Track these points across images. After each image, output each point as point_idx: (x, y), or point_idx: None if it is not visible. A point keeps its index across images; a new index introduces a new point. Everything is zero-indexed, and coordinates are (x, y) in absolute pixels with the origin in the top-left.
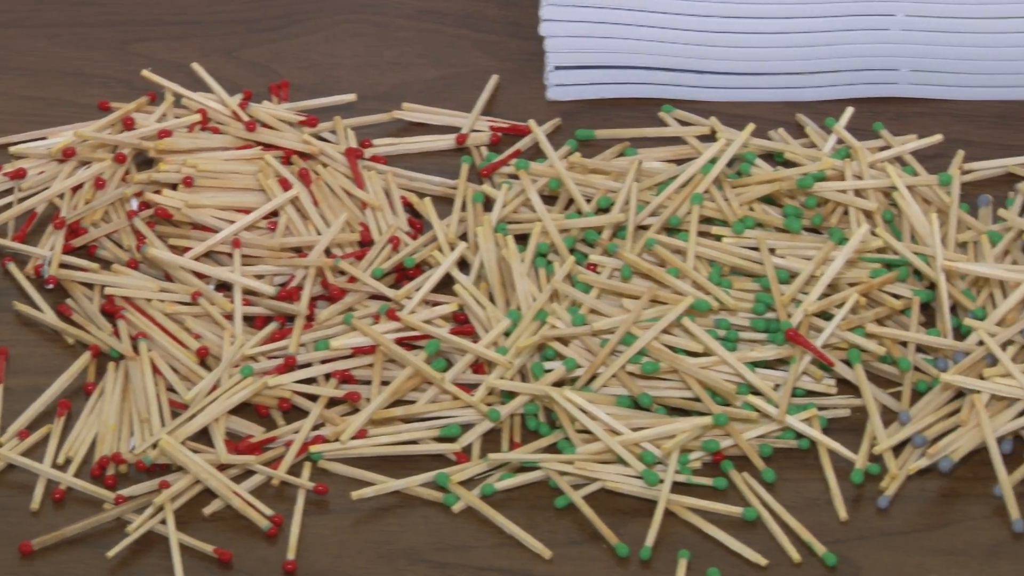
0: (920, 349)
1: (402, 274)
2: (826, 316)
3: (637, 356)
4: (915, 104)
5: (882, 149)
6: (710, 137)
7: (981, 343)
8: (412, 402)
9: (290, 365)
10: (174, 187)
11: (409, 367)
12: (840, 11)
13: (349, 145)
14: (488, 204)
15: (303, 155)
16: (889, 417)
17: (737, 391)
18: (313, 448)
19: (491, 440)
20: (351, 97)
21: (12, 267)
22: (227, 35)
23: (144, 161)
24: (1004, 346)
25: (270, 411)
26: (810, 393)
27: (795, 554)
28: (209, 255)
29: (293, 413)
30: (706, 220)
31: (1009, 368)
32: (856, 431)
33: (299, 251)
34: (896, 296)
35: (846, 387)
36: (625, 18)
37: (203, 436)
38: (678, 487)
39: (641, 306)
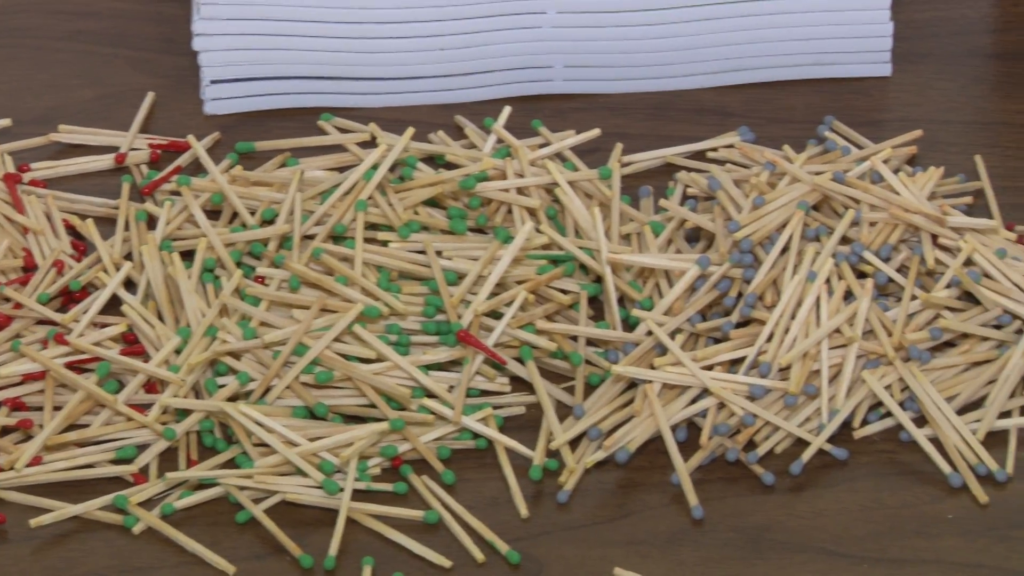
0: (591, 342)
1: (68, 297)
2: (496, 315)
3: (310, 366)
4: (572, 100)
5: (542, 146)
6: (371, 143)
7: (650, 333)
8: (86, 426)
9: None
10: None
11: (81, 391)
12: (492, 11)
13: (6, 171)
14: (152, 222)
15: None
16: (564, 412)
17: (412, 395)
18: None
19: (168, 459)
20: (6, 122)
21: None
22: None
23: None
24: (673, 335)
25: None
26: (485, 393)
27: (479, 554)
28: None
29: None
30: (372, 226)
31: (679, 356)
32: (532, 428)
33: None
34: (564, 291)
35: (520, 384)
36: (279, 29)
37: None
38: (359, 494)
39: (311, 316)
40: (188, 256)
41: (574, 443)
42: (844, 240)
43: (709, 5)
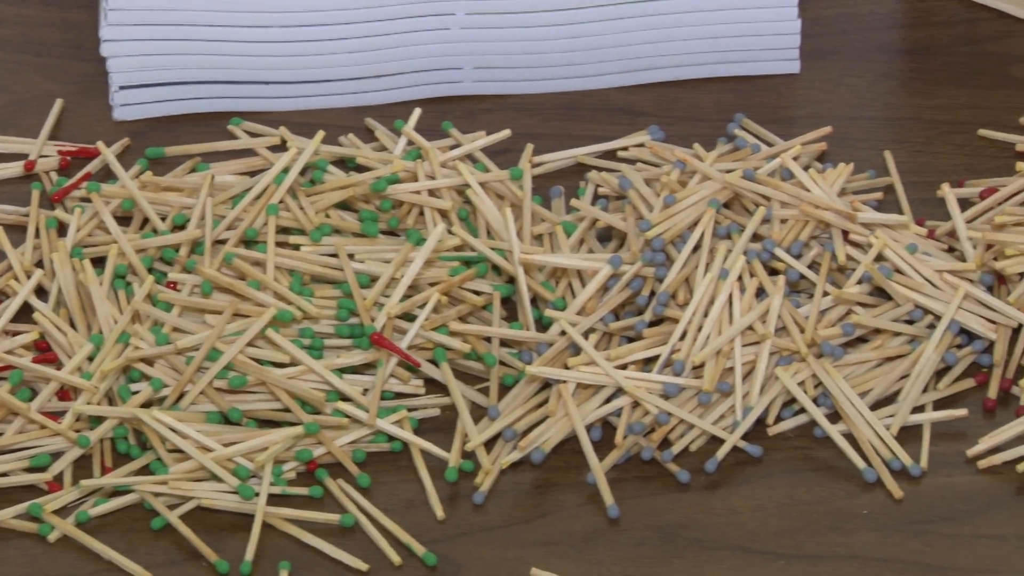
0: (505, 343)
1: None
2: (409, 317)
3: (224, 371)
4: (482, 101)
5: (452, 148)
6: (281, 147)
7: (563, 333)
8: None
9: None
10: None
11: None
12: (401, 13)
13: None
14: (62, 229)
15: None
16: (479, 413)
17: (326, 399)
18: None
19: (83, 466)
20: None
21: None
22: None
23: None
24: (586, 334)
25: None
26: (399, 395)
27: (395, 557)
28: None
29: None
30: (283, 230)
31: (592, 356)
32: (447, 429)
33: None
34: (477, 292)
35: (434, 386)
36: (187, 33)
37: None
38: (274, 499)
39: (224, 321)
40: (99, 263)
41: (489, 444)
42: (755, 237)
43: (617, 5)
